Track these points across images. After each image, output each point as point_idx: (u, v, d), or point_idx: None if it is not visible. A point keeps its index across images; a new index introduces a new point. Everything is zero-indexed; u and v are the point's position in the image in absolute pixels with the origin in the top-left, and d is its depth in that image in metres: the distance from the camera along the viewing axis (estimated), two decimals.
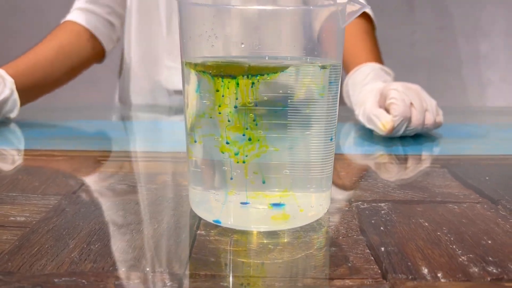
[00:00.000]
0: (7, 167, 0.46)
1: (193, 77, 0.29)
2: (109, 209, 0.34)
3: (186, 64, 0.28)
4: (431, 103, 0.55)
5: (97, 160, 0.47)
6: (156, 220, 0.32)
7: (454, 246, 0.29)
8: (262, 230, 0.29)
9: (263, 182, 0.29)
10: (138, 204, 0.35)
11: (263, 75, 0.26)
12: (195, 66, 0.27)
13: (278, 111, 0.28)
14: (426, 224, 0.32)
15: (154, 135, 0.65)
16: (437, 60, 1.61)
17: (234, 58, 0.27)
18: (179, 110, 0.78)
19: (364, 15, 0.73)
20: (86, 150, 0.51)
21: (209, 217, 0.30)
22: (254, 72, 0.26)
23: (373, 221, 0.32)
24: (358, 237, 0.30)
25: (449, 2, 1.58)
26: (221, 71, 0.26)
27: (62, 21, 0.78)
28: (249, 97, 0.27)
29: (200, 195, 0.30)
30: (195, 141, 0.30)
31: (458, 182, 0.41)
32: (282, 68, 0.26)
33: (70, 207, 0.34)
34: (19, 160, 0.49)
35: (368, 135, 0.58)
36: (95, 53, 0.79)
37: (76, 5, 0.79)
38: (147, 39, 0.82)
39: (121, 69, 0.88)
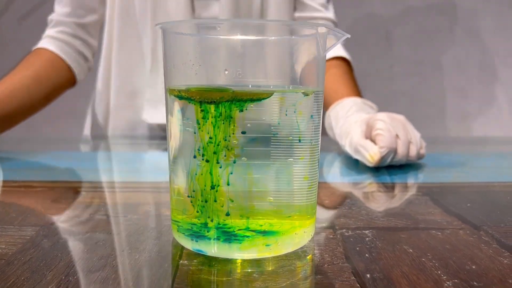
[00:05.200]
0: None
1: (176, 104, 0.29)
2: (89, 239, 0.33)
3: (169, 91, 0.29)
4: (415, 135, 0.56)
5: (77, 190, 0.46)
6: (137, 250, 0.31)
7: (439, 272, 0.29)
8: (246, 258, 0.29)
9: (247, 210, 0.28)
10: (119, 234, 0.34)
11: (247, 101, 0.26)
12: (178, 92, 0.28)
13: (262, 138, 0.28)
14: (411, 250, 0.32)
15: (134, 165, 0.64)
16: (415, 93, 1.65)
17: (218, 85, 0.27)
18: (160, 143, 0.78)
19: (343, 59, 0.77)
20: (65, 181, 0.50)
21: (192, 246, 0.30)
22: (238, 98, 0.26)
23: (357, 248, 0.32)
24: (343, 264, 0.30)
25: (425, 38, 1.63)
26: (205, 98, 0.26)
27: (34, 48, 0.78)
28: (233, 124, 0.27)
29: (183, 223, 0.30)
30: (178, 169, 0.30)
31: (441, 209, 0.41)
32: (266, 95, 0.27)
33: (48, 239, 0.33)
34: None
35: (352, 164, 0.58)
36: (68, 81, 0.79)
37: (48, 32, 0.79)
38: (129, 72, 0.81)
39: (94, 100, 0.87)
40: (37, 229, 0.35)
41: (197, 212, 0.29)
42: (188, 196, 0.29)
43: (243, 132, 0.28)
